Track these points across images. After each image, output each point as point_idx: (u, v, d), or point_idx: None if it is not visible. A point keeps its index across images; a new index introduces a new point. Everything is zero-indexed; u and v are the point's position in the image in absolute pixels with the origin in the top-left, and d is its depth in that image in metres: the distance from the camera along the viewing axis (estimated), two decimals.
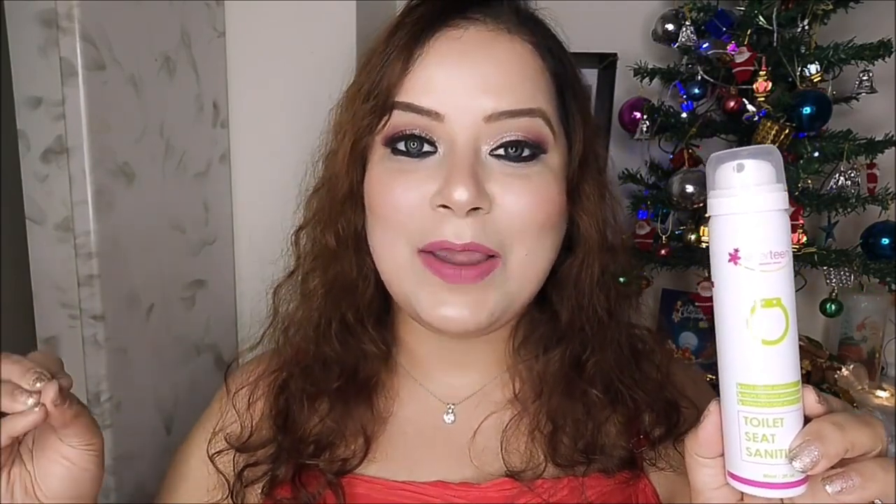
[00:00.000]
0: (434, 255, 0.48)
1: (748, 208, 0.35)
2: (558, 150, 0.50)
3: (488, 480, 0.52)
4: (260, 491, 0.55)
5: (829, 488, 0.34)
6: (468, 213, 0.46)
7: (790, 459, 0.34)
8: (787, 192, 0.36)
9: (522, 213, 0.48)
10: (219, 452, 0.57)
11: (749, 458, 0.36)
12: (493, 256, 0.48)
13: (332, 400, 0.55)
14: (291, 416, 0.56)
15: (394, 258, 0.50)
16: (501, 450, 0.53)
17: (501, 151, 0.48)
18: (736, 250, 0.35)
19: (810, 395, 0.36)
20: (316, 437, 0.55)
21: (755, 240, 0.35)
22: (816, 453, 0.33)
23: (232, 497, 0.55)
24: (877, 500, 0.34)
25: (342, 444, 0.55)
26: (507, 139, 0.48)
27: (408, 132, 0.49)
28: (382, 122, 0.49)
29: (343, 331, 0.56)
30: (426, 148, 0.49)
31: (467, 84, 0.47)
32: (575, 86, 0.53)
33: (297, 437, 0.55)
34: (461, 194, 0.45)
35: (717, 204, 0.36)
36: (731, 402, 0.36)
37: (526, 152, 0.49)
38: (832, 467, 0.35)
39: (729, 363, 0.36)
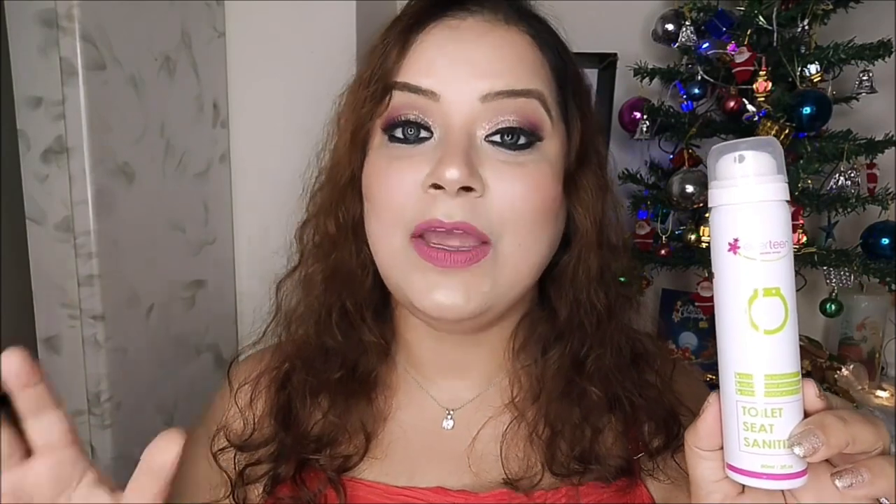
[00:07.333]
0: (425, 240, 0.48)
1: (748, 198, 0.35)
2: (555, 139, 0.50)
3: (486, 489, 0.52)
4: (261, 490, 0.55)
5: (838, 483, 0.34)
6: (459, 193, 0.46)
7: (791, 446, 0.34)
8: (787, 184, 0.36)
9: (515, 199, 0.48)
10: (221, 450, 0.57)
11: (747, 449, 0.35)
12: (484, 243, 0.48)
13: (333, 395, 0.56)
14: (293, 412, 0.56)
15: (388, 246, 0.50)
16: (501, 455, 0.53)
17: (497, 138, 0.48)
18: (736, 240, 0.35)
19: (811, 388, 0.36)
20: (317, 434, 0.55)
21: (755, 229, 0.35)
22: (817, 440, 0.33)
23: (233, 495, 0.55)
24: (883, 500, 0.34)
25: (343, 441, 0.55)
26: (503, 125, 0.48)
27: (404, 117, 0.49)
28: (382, 106, 0.50)
29: (343, 320, 0.56)
30: (422, 134, 0.49)
31: (463, 66, 0.48)
32: (575, 80, 0.53)
33: (298, 433, 0.55)
34: (452, 173, 0.45)
35: (718, 195, 0.37)
36: (729, 392, 0.36)
37: (522, 139, 0.48)
38: (831, 463, 0.35)
39: (727, 352, 0.36)
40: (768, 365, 0.35)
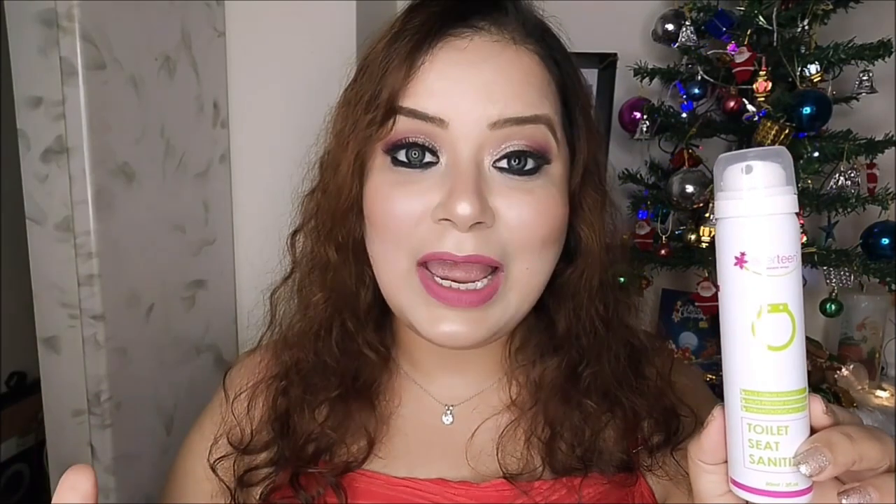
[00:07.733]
0: (431, 271, 0.47)
1: (756, 211, 0.34)
2: (561, 160, 0.50)
3: (486, 481, 0.53)
4: (258, 495, 0.55)
5: (845, 501, 0.33)
6: (471, 228, 0.46)
7: (797, 464, 0.34)
8: (796, 195, 0.35)
9: (526, 227, 0.47)
10: (220, 459, 0.57)
11: (752, 466, 0.35)
12: (496, 269, 0.47)
13: (333, 405, 0.55)
14: (292, 423, 0.56)
15: (393, 270, 0.49)
16: (497, 453, 0.53)
17: (504, 164, 0.48)
18: (742, 254, 0.35)
19: (817, 405, 0.35)
20: (316, 442, 0.55)
21: (762, 244, 0.34)
22: (824, 459, 0.33)
23: (234, 499, 0.56)
24: None
25: (343, 447, 0.55)
26: (511, 149, 0.47)
27: (410, 139, 0.48)
28: (385, 130, 0.48)
29: (343, 338, 0.56)
30: (428, 158, 0.48)
31: (472, 92, 0.47)
32: (579, 95, 0.53)
33: (297, 443, 0.55)
34: (464, 209, 0.44)
35: (724, 206, 0.36)
36: (734, 408, 0.36)
37: (529, 164, 0.48)
38: (838, 478, 0.35)
39: (733, 369, 0.36)
40: (775, 382, 0.34)
